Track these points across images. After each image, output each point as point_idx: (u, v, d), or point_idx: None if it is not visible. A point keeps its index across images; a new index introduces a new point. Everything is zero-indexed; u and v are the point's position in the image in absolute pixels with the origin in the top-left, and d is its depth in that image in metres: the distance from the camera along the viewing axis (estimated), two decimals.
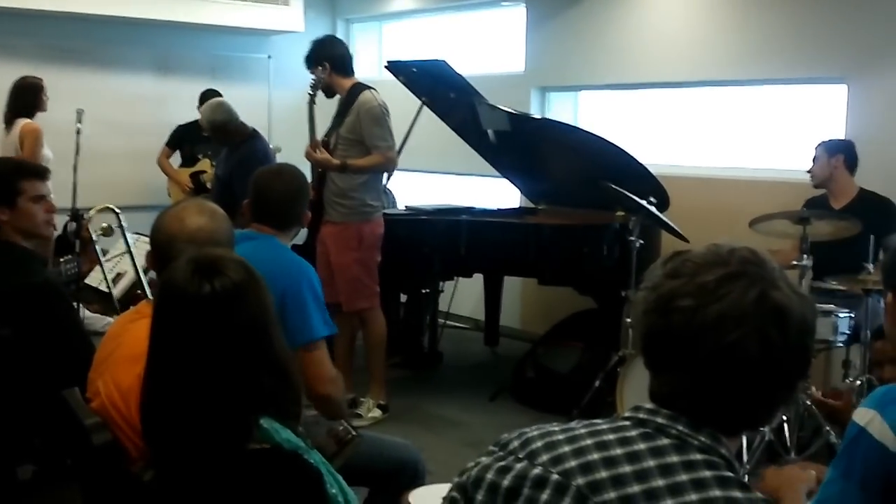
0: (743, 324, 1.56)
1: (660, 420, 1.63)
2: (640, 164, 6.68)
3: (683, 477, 1.54)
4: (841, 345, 5.57)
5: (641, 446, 1.60)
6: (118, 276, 5.70)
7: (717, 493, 1.51)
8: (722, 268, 1.60)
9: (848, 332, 5.42)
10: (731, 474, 1.56)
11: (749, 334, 1.56)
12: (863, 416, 2.30)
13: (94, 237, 5.47)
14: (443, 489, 3.02)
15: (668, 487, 1.52)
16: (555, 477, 1.60)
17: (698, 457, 1.57)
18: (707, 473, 1.54)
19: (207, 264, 2.23)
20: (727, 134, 7.60)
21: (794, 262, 5.36)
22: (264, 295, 2.26)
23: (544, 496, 1.59)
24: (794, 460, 5.08)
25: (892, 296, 2.51)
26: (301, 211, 4.04)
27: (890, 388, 2.37)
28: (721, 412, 1.62)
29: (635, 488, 1.53)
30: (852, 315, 5.42)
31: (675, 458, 1.57)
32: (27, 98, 7.62)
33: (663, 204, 6.48)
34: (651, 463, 1.56)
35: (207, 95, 8.60)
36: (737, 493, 1.52)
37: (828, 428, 5.17)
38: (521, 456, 1.67)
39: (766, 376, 1.60)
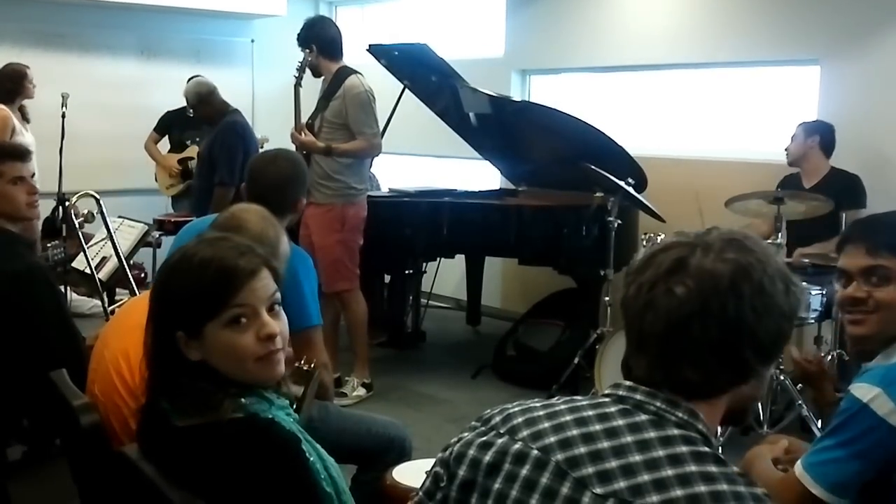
0: (655, 286, 1.63)
1: (638, 397, 1.65)
2: (619, 146, 6.75)
3: (660, 452, 1.55)
4: (812, 321, 5.67)
5: (620, 422, 1.62)
6: (103, 260, 5.74)
7: (692, 468, 1.53)
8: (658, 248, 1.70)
9: (819, 308, 5.51)
10: (707, 449, 1.58)
11: (660, 294, 1.62)
12: (865, 392, 2.36)
13: (76, 224, 5.51)
14: (426, 464, 3.10)
15: (644, 463, 1.54)
16: (535, 452, 1.62)
17: (675, 432, 1.59)
18: (683, 449, 1.56)
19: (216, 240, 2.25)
20: (703, 115, 7.66)
21: (769, 241, 5.46)
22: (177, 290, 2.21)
23: (524, 471, 1.62)
24: (767, 433, 5.18)
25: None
26: (295, 197, 4.02)
27: (893, 366, 2.44)
28: (677, 378, 1.64)
29: (613, 463, 1.56)
30: (823, 292, 5.51)
31: (651, 434, 1.58)
32: (7, 85, 7.63)
33: (641, 185, 6.54)
34: (629, 439, 1.58)
35: None
36: (712, 468, 1.53)
37: (800, 402, 5.27)
38: (502, 431, 1.69)
39: (680, 332, 1.61)
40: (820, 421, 4.87)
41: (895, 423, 2.31)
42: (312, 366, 2.95)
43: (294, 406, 2.47)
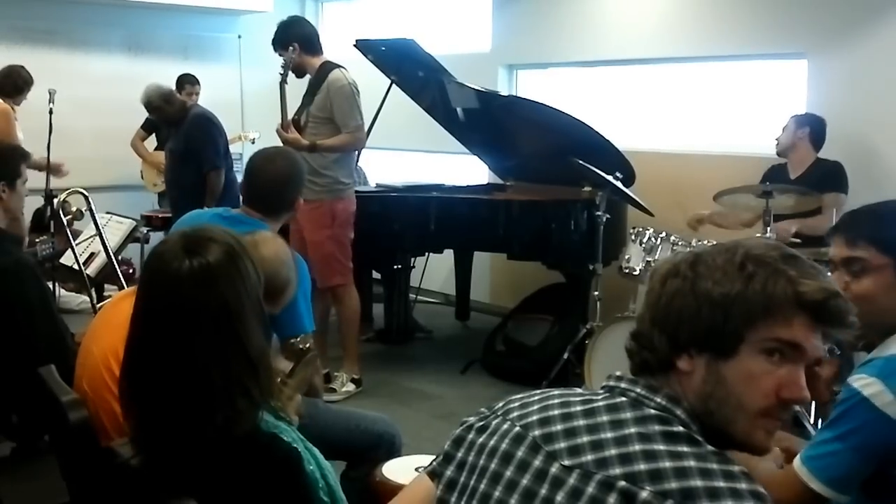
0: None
1: (623, 385, 1.73)
2: (607, 141, 6.75)
3: (631, 430, 1.61)
4: None
5: (599, 404, 1.70)
6: (92, 256, 5.74)
7: (660, 446, 1.57)
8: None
9: None
10: (681, 429, 1.61)
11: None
12: (864, 383, 2.33)
13: (63, 221, 5.51)
14: (415, 461, 3.09)
15: (614, 439, 1.61)
16: (517, 429, 1.73)
17: (651, 412, 1.65)
18: (656, 428, 1.61)
19: (195, 242, 2.20)
20: (691, 109, 7.67)
21: (758, 235, 5.47)
22: (243, 282, 2.21)
23: (504, 445, 1.72)
24: None
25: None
26: (291, 197, 4.03)
27: (889, 359, 2.39)
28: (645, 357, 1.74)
29: (584, 439, 1.63)
30: None
31: (628, 415, 1.65)
32: (17, 83, 7.64)
33: (629, 179, 6.55)
34: (605, 418, 1.66)
35: (183, 79, 8.66)
36: (683, 447, 1.57)
37: None
38: (499, 414, 1.80)
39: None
40: (814, 417, 4.86)
41: (894, 416, 2.28)
42: (308, 346, 2.95)
43: (281, 381, 2.47)
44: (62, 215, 5.65)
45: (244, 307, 2.19)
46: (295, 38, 6.26)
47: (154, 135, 9.20)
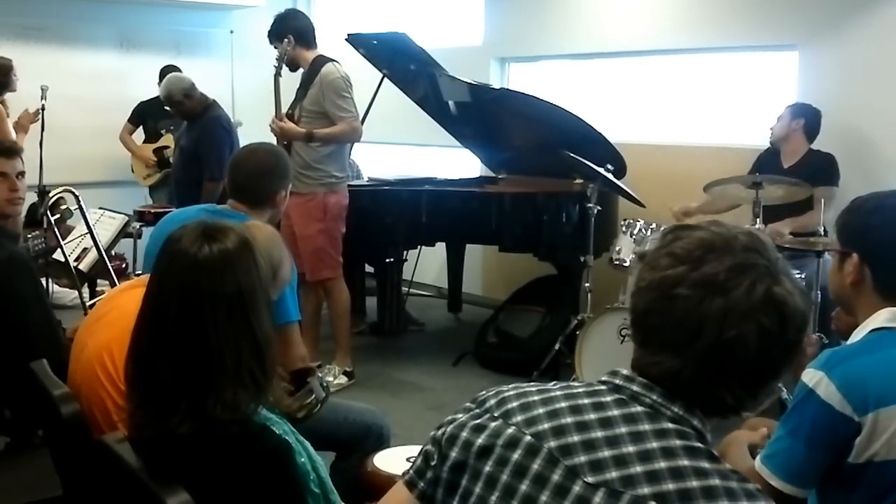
0: (747, 319, 1.57)
1: (635, 388, 1.65)
2: (598, 133, 6.76)
3: (654, 444, 1.56)
4: None
5: (615, 412, 1.62)
6: (84, 251, 5.75)
7: (685, 462, 1.54)
8: (729, 257, 1.60)
9: None
10: (700, 445, 1.58)
11: (751, 330, 1.57)
12: (811, 377, 2.38)
13: (52, 221, 5.51)
14: (407, 451, 3.11)
15: (637, 454, 1.55)
16: (527, 438, 1.63)
17: (669, 426, 1.59)
18: (677, 442, 1.56)
19: (213, 229, 2.30)
20: (682, 101, 7.68)
21: (747, 226, 5.48)
22: (256, 270, 2.31)
23: (515, 456, 1.62)
24: (747, 417, 5.20)
25: (849, 256, 2.58)
26: (274, 189, 4.00)
27: (835, 351, 2.45)
28: (709, 399, 1.63)
29: (605, 453, 1.57)
30: (803, 276, 5.54)
31: (646, 426, 1.59)
32: (4, 80, 7.61)
33: (620, 171, 6.55)
34: (623, 430, 1.59)
35: (167, 71, 8.64)
36: (705, 464, 1.54)
37: (780, 385, 5.30)
38: (496, 415, 1.69)
39: (760, 369, 1.61)
40: None
41: (838, 406, 2.32)
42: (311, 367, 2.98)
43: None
44: (50, 215, 5.65)
45: (256, 294, 2.29)
46: (291, 31, 6.26)
47: (141, 127, 9.18)
